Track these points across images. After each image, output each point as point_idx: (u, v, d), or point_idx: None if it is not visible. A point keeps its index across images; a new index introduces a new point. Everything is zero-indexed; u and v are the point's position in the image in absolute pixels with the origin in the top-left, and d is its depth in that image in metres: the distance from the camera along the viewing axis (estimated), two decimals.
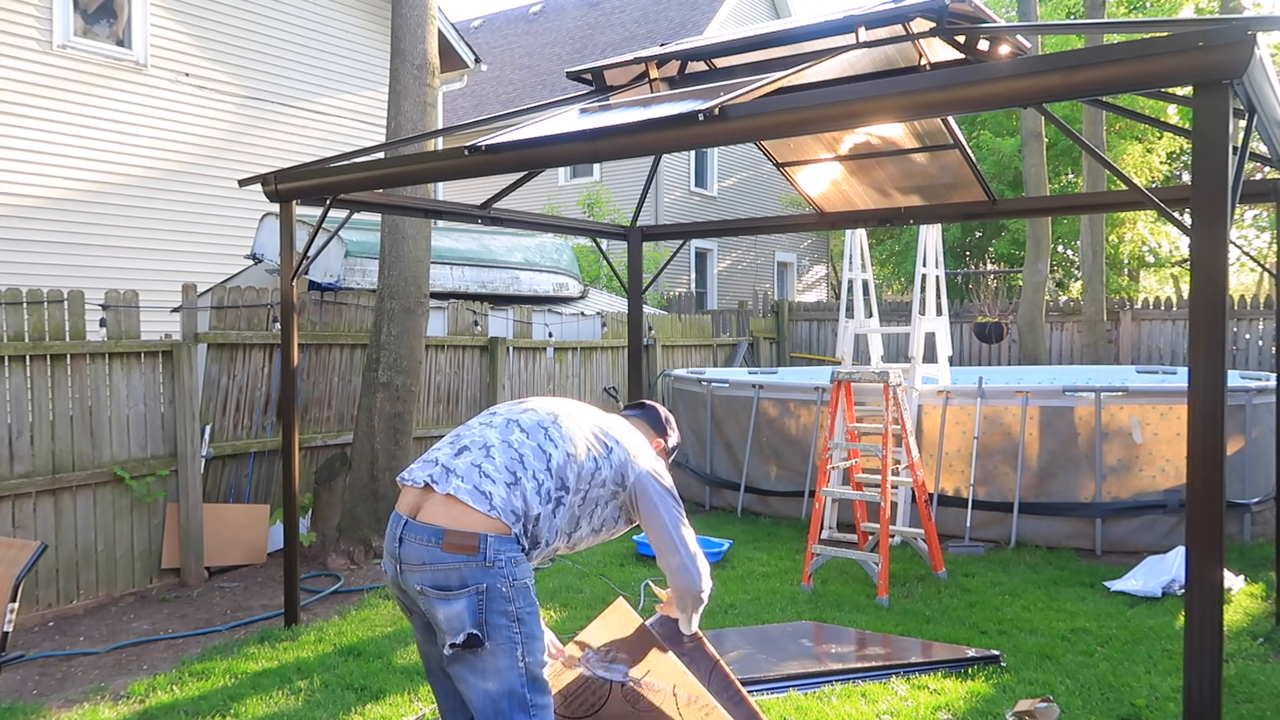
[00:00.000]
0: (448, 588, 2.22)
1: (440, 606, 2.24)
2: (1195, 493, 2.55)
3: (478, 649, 2.22)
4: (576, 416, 2.54)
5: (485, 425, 2.47)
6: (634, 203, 7.79)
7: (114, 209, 9.09)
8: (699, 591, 2.61)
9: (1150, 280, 23.24)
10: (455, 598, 2.22)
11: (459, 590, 2.22)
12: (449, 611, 2.22)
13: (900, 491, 6.44)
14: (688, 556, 2.55)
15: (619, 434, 2.58)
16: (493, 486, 2.27)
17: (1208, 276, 2.52)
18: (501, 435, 2.41)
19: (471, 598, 2.22)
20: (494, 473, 2.30)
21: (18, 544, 3.16)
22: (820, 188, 6.19)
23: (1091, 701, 3.81)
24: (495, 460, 2.33)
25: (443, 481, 2.29)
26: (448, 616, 2.23)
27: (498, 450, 2.35)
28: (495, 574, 2.23)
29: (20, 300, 4.94)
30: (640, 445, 2.64)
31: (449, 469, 2.32)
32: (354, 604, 5.28)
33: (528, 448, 2.37)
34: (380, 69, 10.67)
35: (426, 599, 2.27)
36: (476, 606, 2.22)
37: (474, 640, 2.21)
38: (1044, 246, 12.23)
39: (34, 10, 8.50)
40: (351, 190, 4.81)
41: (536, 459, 2.36)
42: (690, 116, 3.31)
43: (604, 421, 2.60)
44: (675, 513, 2.57)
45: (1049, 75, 2.73)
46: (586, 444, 2.47)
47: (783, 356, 13.55)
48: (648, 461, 2.60)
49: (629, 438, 2.61)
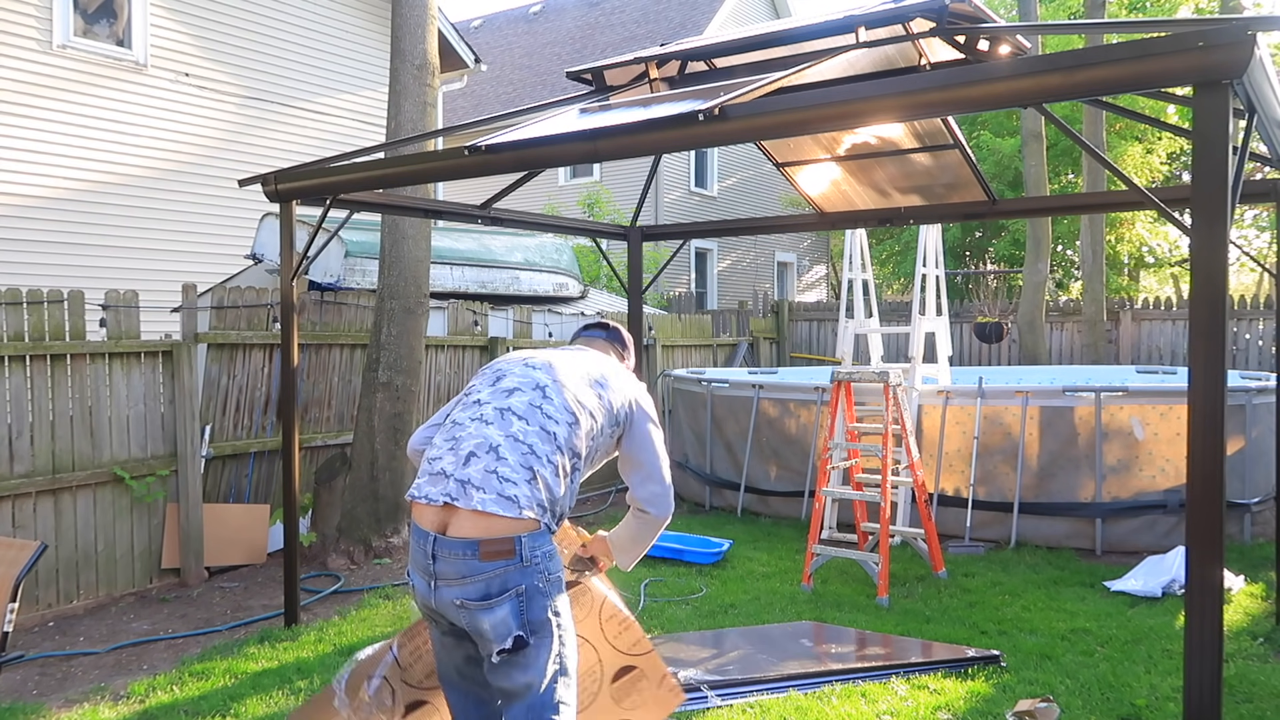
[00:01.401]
0: (489, 596, 2.22)
1: (484, 616, 2.23)
2: (1195, 493, 2.55)
3: (524, 649, 2.24)
4: (561, 377, 2.47)
5: (479, 421, 2.37)
6: (634, 203, 7.80)
7: (114, 209, 9.08)
8: (666, 521, 2.63)
9: (1150, 280, 23.23)
10: (498, 604, 2.22)
11: (499, 596, 2.22)
12: (494, 619, 2.22)
13: (900, 491, 6.44)
14: (667, 485, 2.59)
15: (608, 375, 2.56)
16: (515, 489, 2.24)
17: (1208, 276, 2.52)
18: (502, 430, 2.33)
19: (513, 601, 2.22)
20: (511, 474, 2.26)
21: (18, 544, 3.16)
22: (820, 188, 6.19)
23: (1091, 701, 3.81)
24: (508, 460, 2.28)
25: (464, 498, 2.24)
26: (493, 624, 2.22)
27: (506, 449, 2.29)
28: (532, 572, 2.24)
29: (20, 300, 4.94)
30: (624, 378, 2.62)
31: (465, 482, 2.26)
32: (354, 604, 5.28)
33: (533, 435, 2.32)
34: (380, 69, 10.67)
35: (468, 612, 2.24)
36: (518, 608, 2.23)
37: (521, 642, 2.23)
38: (1044, 246, 12.22)
39: (34, 10, 8.50)
40: (351, 190, 4.81)
41: (545, 443, 2.33)
42: (690, 116, 3.31)
43: (589, 369, 2.55)
44: (661, 443, 2.59)
45: (1049, 75, 2.73)
46: (584, 405, 2.44)
47: (783, 356, 13.56)
48: (635, 391, 2.61)
49: (615, 376, 2.60)
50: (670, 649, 4.37)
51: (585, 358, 2.61)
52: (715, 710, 3.73)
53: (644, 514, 2.59)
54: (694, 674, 3.96)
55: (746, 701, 3.79)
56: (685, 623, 4.87)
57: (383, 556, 6.16)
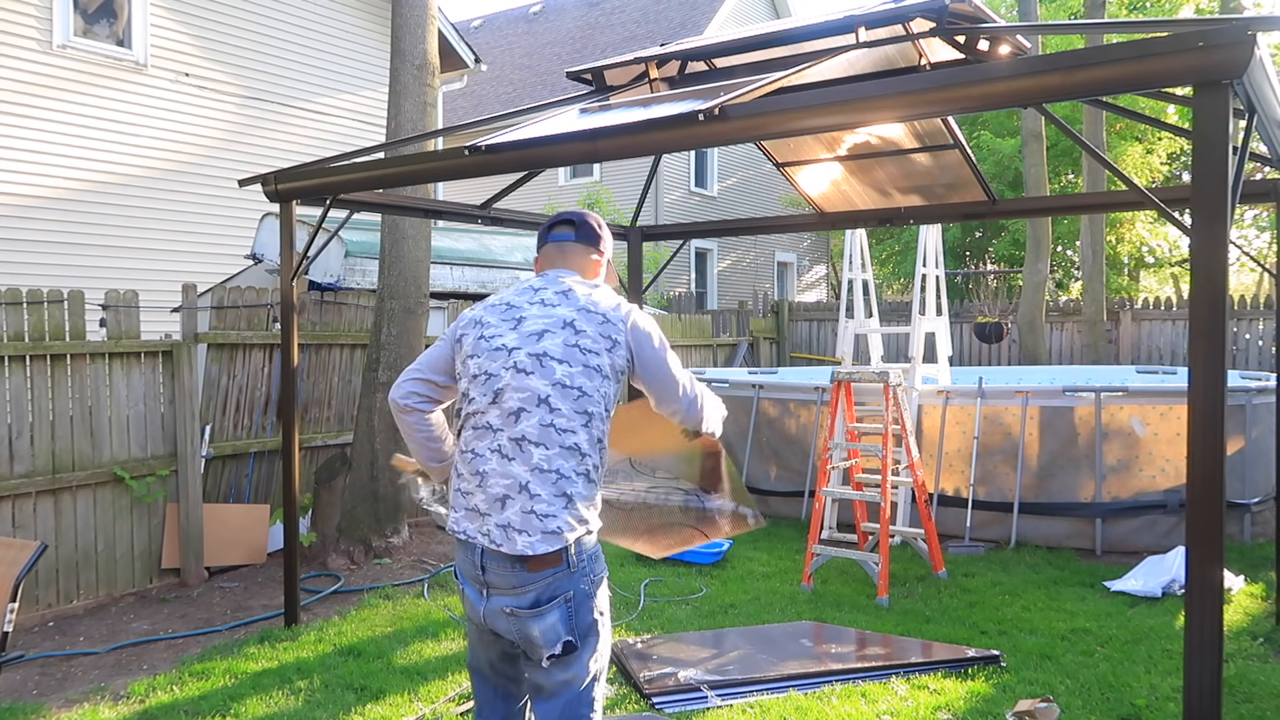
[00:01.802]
0: (538, 604, 2.22)
1: (534, 623, 2.23)
2: (1195, 493, 2.54)
3: (572, 653, 2.24)
4: (559, 374, 2.26)
5: (499, 455, 2.26)
6: (634, 203, 7.80)
7: (114, 209, 9.09)
8: (703, 424, 2.51)
9: (1150, 280, 23.23)
10: (547, 611, 2.22)
11: (549, 604, 2.22)
12: (543, 625, 2.22)
13: (900, 491, 6.44)
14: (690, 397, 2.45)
15: (590, 327, 2.30)
16: (556, 521, 2.21)
17: (1208, 276, 2.52)
18: (525, 464, 2.23)
19: (562, 607, 2.23)
20: (548, 508, 2.21)
21: (18, 544, 3.16)
22: (820, 188, 6.19)
23: (1091, 701, 3.81)
24: (542, 496, 2.21)
25: (509, 543, 2.21)
26: (542, 630, 2.23)
27: (536, 484, 2.22)
28: (579, 577, 2.24)
29: (20, 300, 4.94)
30: (611, 320, 2.33)
31: (505, 526, 2.22)
32: (354, 604, 5.28)
33: (558, 459, 2.23)
34: (380, 69, 10.67)
35: (517, 619, 2.24)
36: (568, 614, 2.23)
37: (570, 647, 2.23)
38: (1044, 246, 12.23)
39: (34, 10, 8.50)
40: (351, 190, 4.81)
41: (570, 458, 2.24)
42: (690, 116, 3.31)
43: (573, 336, 2.29)
44: (668, 363, 2.41)
45: (1049, 75, 2.73)
46: (590, 395, 2.27)
47: (783, 356, 13.56)
48: (625, 325, 2.34)
49: (598, 320, 2.31)
50: (670, 649, 4.37)
51: (564, 316, 2.31)
52: (715, 710, 3.73)
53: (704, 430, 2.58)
54: (694, 674, 3.96)
55: (746, 701, 3.79)
56: (685, 623, 4.87)
57: (383, 556, 6.16)
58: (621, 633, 4.69)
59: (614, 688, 3.94)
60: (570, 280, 2.41)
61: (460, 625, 4.85)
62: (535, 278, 2.47)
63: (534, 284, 2.43)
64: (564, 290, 2.37)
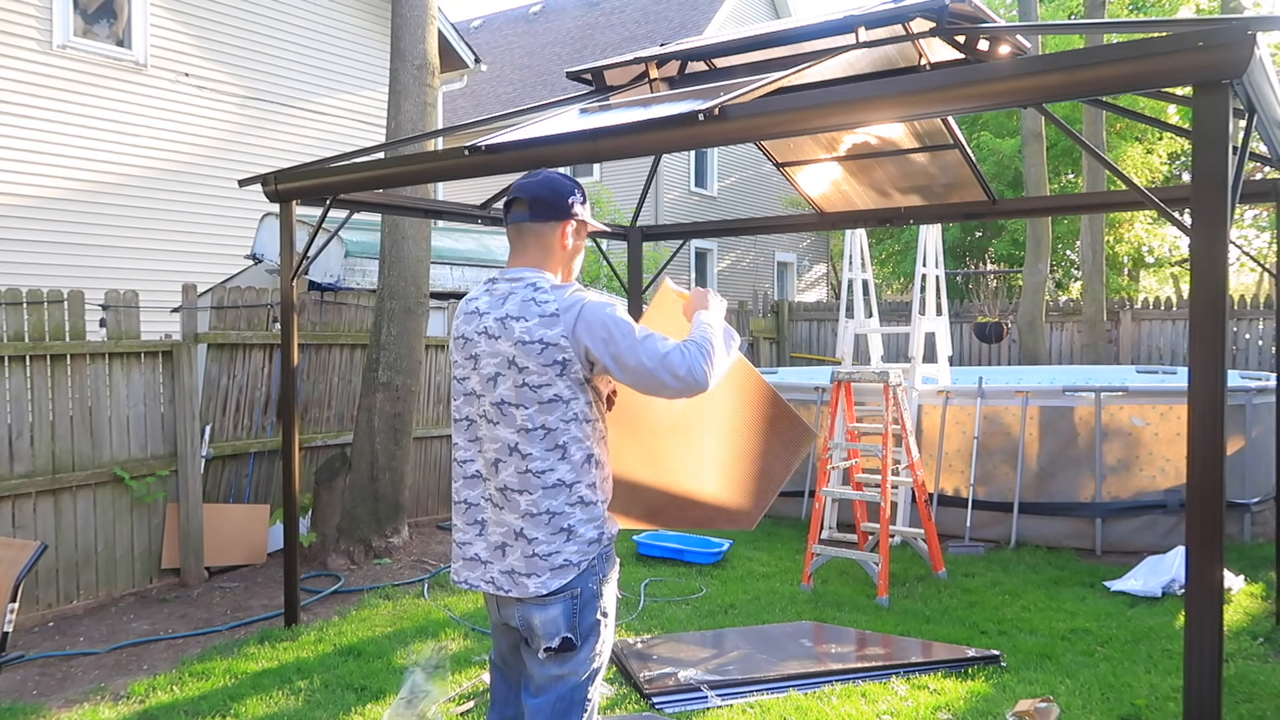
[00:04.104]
0: (543, 595, 2.23)
1: (537, 612, 2.24)
2: (1195, 493, 2.54)
3: (570, 649, 2.25)
4: (518, 418, 2.20)
5: (490, 503, 2.28)
6: (634, 203, 7.80)
7: (114, 209, 9.08)
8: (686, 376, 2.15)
9: (1150, 280, 23.23)
10: (552, 603, 2.23)
11: (555, 595, 2.23)
12: (545, 616, 2.23)
13: (900, 491, 6.44)
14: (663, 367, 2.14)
15: (530, 361, 2.18)
16: (561, 555, 2.23)
17: (1208, 276, 2.52)
18: (514, 511, 2.24)
19: (566, 602, 2.23)
20: (549, 547, 2.22)
21: (18, 544, 3.16)
22: (820, 188, 6.19)
23: (1091, 701, 3.81)
24: (540, 538, 2.22)
25: (519, 588, 2.24)
26: (544, 621, 2.23)
27: (530, 528, 2.23)
28: (589, 575, 2.25)
29: (20, 300, 4.94)
30: (545, 319, 2.18)
31: (510, 573, 2.24)
32: (354, 604, 5.28)
33: (545, 500, 2.22)
34: (380, 69, 10.67)
35: (524, 606, 2.25)
36: (571, 610, 2.23)
37: (568, 644, 2.24)
38: (1044, 246, 12.23)
39: (34, 10, 8.49)
40: (351, 190, 4.81)
41: (558, 496, 2.22)
42: (690, 116, 3.31)
43: (519, 376, 2.19)
44: (636, 347, 2.15)
45: (1049, 75, 2.73)
46: (550, 427, 2.20)
47: (783, 356, 13.56)
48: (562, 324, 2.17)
49: (537, 351, 2.17)
50: (670, 649, 4.37)
51: (507, 356, 2.21)
52: (715, 710, 3.73)
53: None
54: (694, 674, 3.96)
55: (746, 701, 3.79)
56: (685, 623, 4.87)
57: (383, 556, 6.15)
58: (621, 633, 4.69)
59: (614, 688, 3.94)
60: (517, 290, 2.26)
61: (460, 625, 4.85)
62: (483, 288, 2.36)
63: (479, 305, 2.31)
64: (501, 317, 2.23)
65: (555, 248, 2.33)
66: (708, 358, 2.19)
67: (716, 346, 2.24)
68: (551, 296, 2.21)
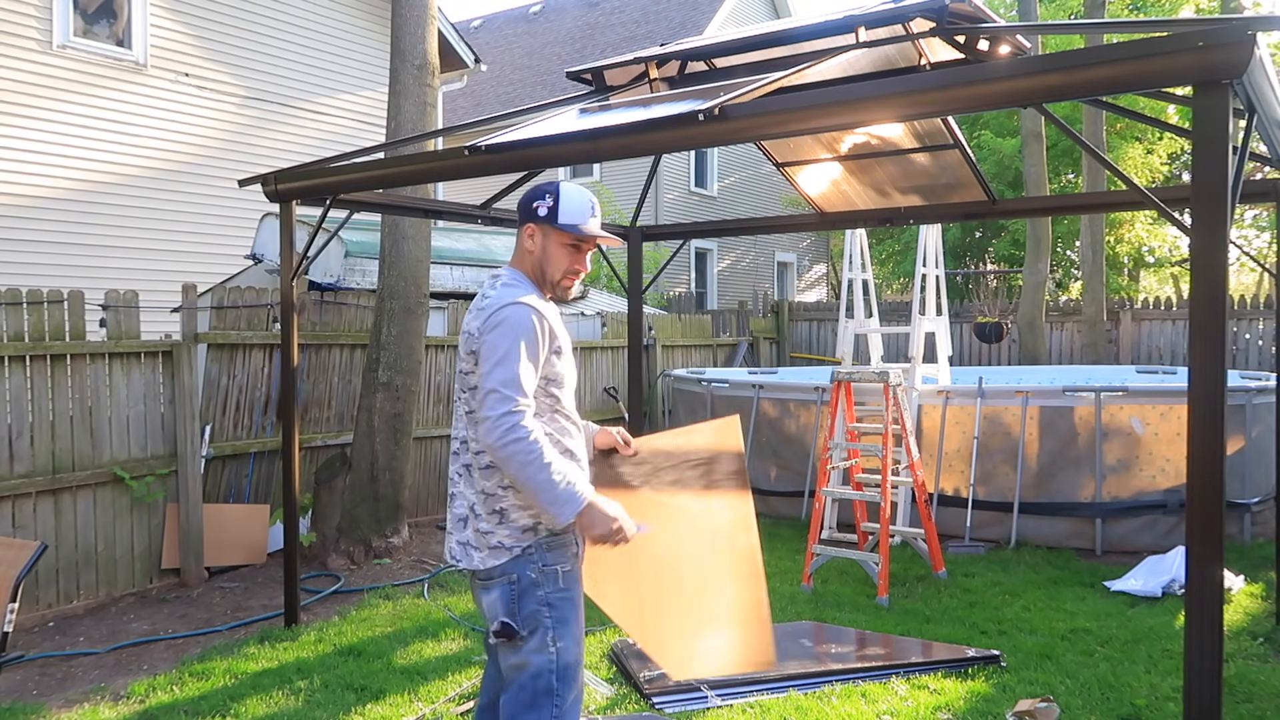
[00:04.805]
0: (489, 576, 2.34)
1: (482, 595, 2.37)
2: (1195, 493, 2.54)
3: (513, 638, 2.31)
4: (461, 402, 2.43)
5: (462, 479, 2.43)
6: (634, 203, 7.80)
7: (114, 209, 9.08)
8: (503, 452, 2.19)
9: (1150, 280, 23.24)
10: (493, 586, 2.34)
11: (495, 579, 2.34)
12: (488, 599, 2.35)
13: (900, 491, 6.44)
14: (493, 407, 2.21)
15: (463, 349, 2.41)
16: (495, 536, 2.34)
17: (1208, 276, 2.52)
18: (472, 487, 2.39)
19: (504, 587, 2.32)
20: (488, 525, 2.36)
21: (18, 544, 3.16)
22: (820, 188, 6.19)
23: (1091, 701, 3.81)
24: (482, 514, 2.36)
25: (466, 559, 2.39)
26: (488, 604, 2.35)
27: (479, 503, 2.37)
28: (526, 562, 2.33)
29: (20, 300, 4.94)
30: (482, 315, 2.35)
31: (465, 544, 2.40)
32: (354, 604, 5.28)
33: (482, 480, 2.35)
34: (380, 69, 10.66)
35: (475, 585, 2.41)
36: (509, 596, 2.32)
37: (508, 629, 2.31)
38: (1044, 246, 12.22)
39: (34, 10, 8.49)
40: (351, 190, 4.81)
41: (491, 478, 2.34)
42: (690, 116, 3.31)
43: (460, 364, 2.42)
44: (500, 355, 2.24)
45: (1049, 75, 2.73)
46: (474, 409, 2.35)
47: (783, 356, 13.56)
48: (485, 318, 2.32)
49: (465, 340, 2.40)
50: None
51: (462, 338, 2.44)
52: (715, 710, 3.73)
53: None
54: None
55: (746, 701, 3.79)
56: None
57: (383, 556, 6.16)
58: (621, 633, 4.68)
59: (614, 688, 3.94)
60: (493, 285, 2.45)
61: (459, 625, 4.85)
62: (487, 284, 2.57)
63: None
64: (470, 310, 2.45)
65: (522, 248, 2.51)
66: (525, 451, 2.15)
67: (538, 472, 2.17)
68: (494, 293, 2.38)
